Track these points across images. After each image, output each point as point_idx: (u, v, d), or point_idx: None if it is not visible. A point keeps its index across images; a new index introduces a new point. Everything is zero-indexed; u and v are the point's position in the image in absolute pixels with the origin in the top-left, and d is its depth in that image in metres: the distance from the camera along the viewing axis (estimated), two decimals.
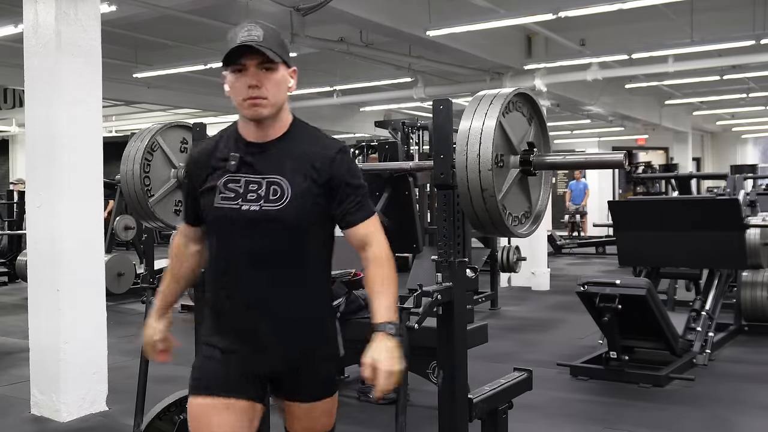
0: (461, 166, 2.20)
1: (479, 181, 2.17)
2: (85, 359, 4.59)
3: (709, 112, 17.52)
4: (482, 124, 2.17)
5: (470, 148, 2.17)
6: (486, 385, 2.85)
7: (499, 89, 2.39)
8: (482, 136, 2.15)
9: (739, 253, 5.91)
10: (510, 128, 2.33)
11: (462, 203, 2.25)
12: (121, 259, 9.06)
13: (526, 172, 2.39)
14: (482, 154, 2.15)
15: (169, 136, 3.35)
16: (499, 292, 8.79)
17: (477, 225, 2.31)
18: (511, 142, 2.36)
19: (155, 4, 7.02)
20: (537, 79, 10.12)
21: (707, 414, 4.59)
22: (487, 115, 2.18)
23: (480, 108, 2.24)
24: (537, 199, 2.52)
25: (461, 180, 2.22)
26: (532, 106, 2.48)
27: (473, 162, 2.17)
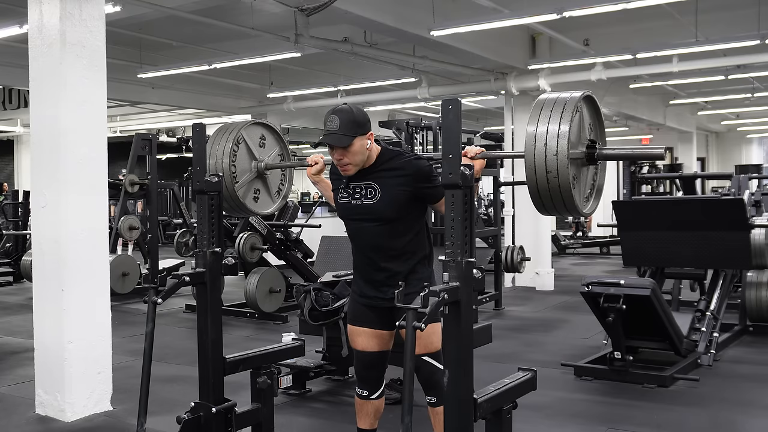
0: (540, 162, 2.54)
1: (557, 174, 2.52)
2: (90, 359, 4.60)
3: (713, 111, 17.50)
4: (558, 126, 2.54)
5: (549, 143, 2.52)
6: (490, 385, 2.85)
7: (571, 93, 2.68)
8: (559, 134, 2.53)
9: (744, 253, 5.90)
10: (577, 126, 2.63)
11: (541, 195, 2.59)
12: (126, 259, 9.07)
13: (590, 162, 2.73)
14: (560, 151, 2.51)
15: (251, 132, 3.69)
16: (503, 292, 8.79)
17: (551, 210, 2.65)
18: (578, 138, 2.70)
19: (160, 4, 7.03)
20: (541, 79, 10.11)
21: (712, 414, 4.59)
22: (563, 117, 2.56)
23: (555, 110, 2.59)
24: (597, 179, 2.91)
25: (540, 173, 2.55)
26: (593, 106, 2.82)
27: (552, 158, 2.52)
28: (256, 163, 3.68)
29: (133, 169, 9.46)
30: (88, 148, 4.62)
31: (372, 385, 3.28)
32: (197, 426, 3.35)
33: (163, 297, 3.15)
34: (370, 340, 3.25)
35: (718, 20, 8.80)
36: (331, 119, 2.99)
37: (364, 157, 3.04)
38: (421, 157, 3.16)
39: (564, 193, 2.53)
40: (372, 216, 3.09)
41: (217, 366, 3.41)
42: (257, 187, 3.73)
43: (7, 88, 14.71)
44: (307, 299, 4.92)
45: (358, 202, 3.11)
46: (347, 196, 3.16)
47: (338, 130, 2.96)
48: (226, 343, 3.54)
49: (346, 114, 2.99)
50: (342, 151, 3.01)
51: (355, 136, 2.98)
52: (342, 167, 3.06)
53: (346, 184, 3.16)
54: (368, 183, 3.09)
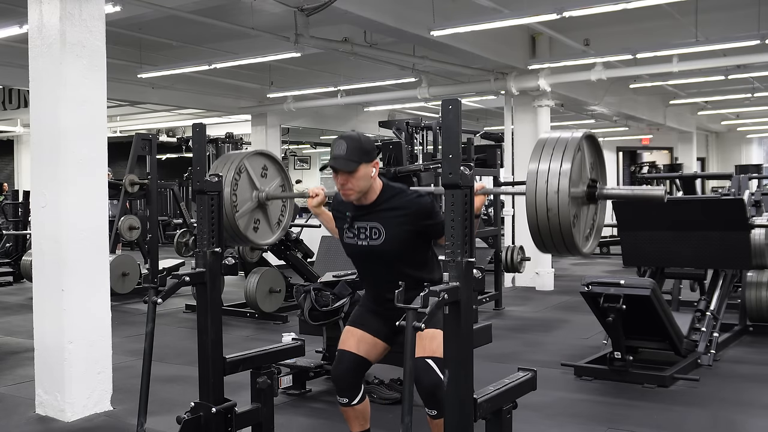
0: (541, 200, 2.55)
1: (558, 212, 2.52)
2: (90, 359, 4.60)
3: (713, 111, 17.49)
4: (560, 165, 2.55)
5: (551, 181, 2.53)
6: (490, 385, 2.85)
7: (572, 132, 2.67)
8: (560, 174, 2.53)
9: (744, 253, 5.90)
10: (578, 165, 2.64)
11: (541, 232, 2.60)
12: (126, 259, 9.07)
13: (591, 201, 2.75)
14: (561, 189, 2.52)
15: (254, 162, 3.71)
16: (503, 292, 8.79)
17: (550, 248, 2.64)
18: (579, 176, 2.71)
19: (160, 4, 7.03)
20: (541, 79, 10.11)
21: (712, 414, 4.59)
22: (564, 156, 2.56)
23: (557, 149, 2.59)
24: (597, 218, 2.90)
25: (540, 210, 2.56)
26: (594, 146, 2.81)
27: (553, 196, 2.53)
28: (258, 193, 3.70)
29: (133, 169, 9.46)
30: (88, 148, 4.62)
31: (350, 392, 3.29)
32: (197, 426, 3.35)
33: (163, 297, 3.15)
34: (361, 344, 3.29)
35: (718, 20, 8.80)
36: (338, 144, 3.08)
37: (367, 184, 3.12)
38: (422, 195, 3.21)
39: (564, 232, 2.54)
40: (379, 256, 3.18)
41: (217, 366, 3.41)
42: (257, 217, 3.74)
43: (7, 88, 14.71)
44: (307, 299, 4.92)
45: (364, 243, 3.20)
46: (352, 236, 3.25)
47: (345, 155, 3.06)
48: (226, 343, 3.54)
49: (353, 141, 3.09)
50: (347, 176, 3.08)
51: (360, 163, 3.06)
52: (344, 191, 3.13)
53: (350, 224, 3.24)
54: (372, 223, 3.17)
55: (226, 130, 16.73)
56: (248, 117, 14.65)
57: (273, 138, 14.49)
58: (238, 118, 16.01)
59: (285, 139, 17.54)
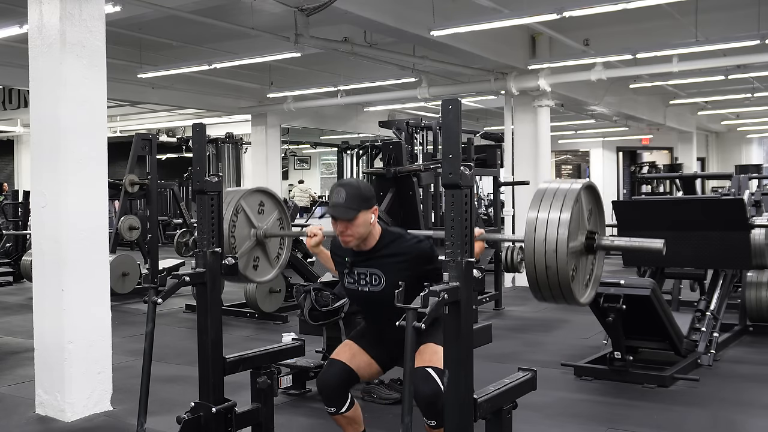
0: (540, 249, 2.57)
1: (556, 264, 2.55)
2: (90, 359, 4.59)
3: (713, 111, 17.49)
4: (559, 214, 2.58)
5: (549, 230, 2.56)
6: (490, 385, 2.85)
7: (571, 183, 2.68)
8: (560, 223, 2.56)
9: (744, 253, 5.89)
10: (577, 215, 2.66)
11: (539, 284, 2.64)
12: (126, 259, 9.07)
13: (589, 252, 2.78)
14: (560, 239, 2.55)
15: (250, 200, 3.71)
16: (503, 292, 8.79)
17: (548, 297, 2.69)
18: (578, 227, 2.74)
19: (160, 4, 7.03)
20: (541, 79, 10.12)
21: (712, 414, 4.59)
22: (563, 207, 2.58)
23: (556, 199, 2.62)
24: (595, 268, 2.93)
25: (539, 260, 2.58)
26: (593, 196, 2.81)
27: (551, 248, 2.56)
28: (256, 231, 3.69)
29: (133, 169, 9.46)
30: (88, 148, 4.61)
31: (336, 402, 3.27)
32: (197, 426, 3.35)
33: (163, 297, 3.15)
34: (355, 359, 3.30)
35: (718, 20, 8.80)
36: (337, 192, 3.10)
37: (366, 231, 3.13)
38: (421, 240, 3.22)
39: (562, 282, 2.58)
40: (380, 301, 3.19)
41: (217, 366, 3.41)
42: (257, 254, 3.74)
43: (7, 88, 14.72)
44: (307, 299, 4.92)
45: (365, 289, 3.23)
46: (353, 282, 3.27)
47: (344, 203, 3.06)
48: (226, 343, 3.54)
49: (352, 188, 3.11)
50: (346, 224, 3.09)
51: (359, 210, 3.07)
52: (344, 238, 3.14)
53: (350, 269, 3.26)
54: (372, 269, 3.19)
55: (226, 130, 16.76)
56: (248, 117, 14.66)
57: (273, 138, 14.50)
58: (238, 118, 16.02)
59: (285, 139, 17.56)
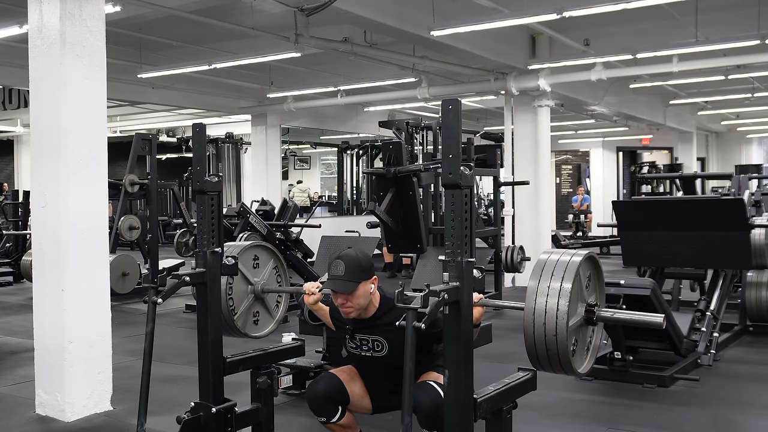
0: (540, 317, 2.61)
1: (555, 329, 2.58)
2: (90, 359, 4.59)
3: (713, 111, 17.49)
4: (560, 284, 2.61)
5: (549, 300, 2.60)
6: (490, 385, 2.85)
7: (572, 255, 2.71)
8: (560, 293, 2.59)
9: (744, 253, 5.89)
10: (577, 286, 2.68)
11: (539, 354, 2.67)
12: (126, 259, 9.07)
13: (589, 323, 2.80)
14: (560, 308, 2.57)
15: (244, 257, 3.70)
16: (503, 292, 8.79)
17: (546, 366, 2.70)
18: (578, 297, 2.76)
19: (160, 4, 7.03)
20: (541, 79, 10.11)
21: (712, 414, 4.59)
22: (564, 278, 2.62)
23: (557, 271, 2.66)
24: (593, 338, 2.94)
25: (538, 328, 2.61)
26: (594, 266, 2.87)
27: (552, 316, 2.58)
28: (252, 287, 3.71)
29: (133, 169, 9.46)
30: (88, 148, 4.61)
31: (326, 413, 3.26)
32: (197, 426, 3.35)
33: (163, 297, 3.15)
34: (352, 383, 3.31)
35: (718, 20, 8.80)
36: (336, 264, 3.08)
37: (367, 301, 3.13)
38: None
39: (561, 353, 2.60)
40: (384, 366, 3.23)
41: (217, 366, 3.41)
42: (256, 309, 3.77)
43: (7, 88, 14.71)
44: None
45: (367, 354, 3.25)
46: (355, 347, 3.29)
47: (343, 276, 3.05)
48: (226, 343, 3.54)
49: (351, 260, 3.08)
50: (346, 296, 3.09)
51: (359, 282, 3.07)
52: (344, 310, 3.14)
53: (352, 335, 3.26)
54: (374, 337, 3.20)
55: (226, 130, 16.74)
56: (248, 117, 14.65)
57: (273, 138, 14.49)
58: (238, 118, 16.01)
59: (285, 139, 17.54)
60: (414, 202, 6.81)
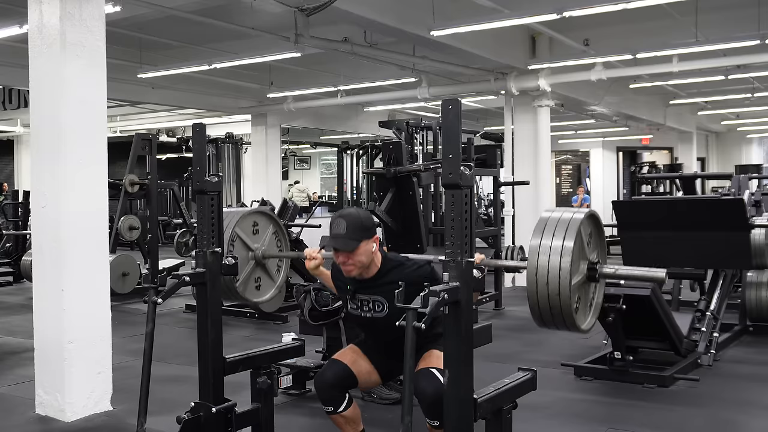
0: (542, 275, 2.60)
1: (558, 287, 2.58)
2: (90, 359, 4.60)
3: (713, 111, 17.48)
4: (562, 242, 2.61)
5: (552, 258, 2.59)
6: (490, 385, 2.85)
7: (573, 212, 2.72)
8: (562, 251, 2.60)
9: (744, 253, 5.89)
10: (579, 245, 2.68)
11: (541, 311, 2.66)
12: (126, 259, 9.07)
13: (591, 280, 2.81)
14: (562, 266, 2.57)
15: (244, 224, 3.74)
16: (503, 292, 8.79)
17: (549, 323, 2.70)
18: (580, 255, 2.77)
19: (160, 4, 7.03)
20: (541, 79, 10.11)
21: (712, 414, 4.59)
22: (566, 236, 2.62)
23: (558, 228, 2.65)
24: (596, 295, 2.95)
25: (541, 287, 2.61)
26: (596, 225, 2.86)
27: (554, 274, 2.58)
28: (253, 253, 3.72)
29: (133, 169, 9.46)
30: (88, 148, 4.62)
31: (333, 401, 3.29)
32: (197, 426, 3.35)
33: (163, 297, 3.16)
34: (357, 363, 3.34)
35: (718, 20, 8.79)
36: (338, 223, 3.11)
37: (368, 260, 3.17)
38: (421, 266, 3.24)
39: (564, 310, 2.60)
40: (383, 325, 3.25)
41: (217, 366, 3.41)
42: (257, 275, 3.78)
43: (7, 88, 14.70)
44: (307, 299, 4.92)
45: (368, 315, 3.28)
46: (356, 308, 3.32)
47: (345, 234, 3.09)
48: (226, 343, 3.54)
49: (353, 218, 3.13)
50: (347, 255, 3.12)
51: (360, 241, 3.10)
52: (346, 269, 3.18)
53: (353, 296, 3.30)
54: (375, 297, 3.23)
55: (226, 130, 16.75)
56: (248, 117, 14.65)
57: (273, 138, 14.49)
58: (238, 118, 16.01)
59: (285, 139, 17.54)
60: (414, 202, 6.81)
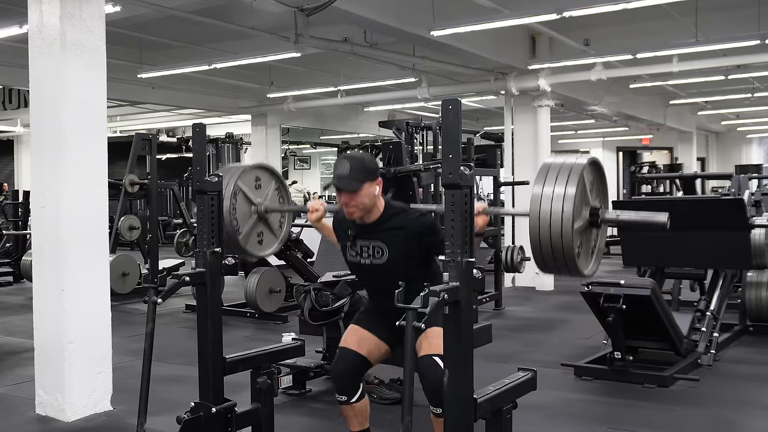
0: (545, 225, 2.58)
1: (561, 236, 2.56)
2: (90, 359, 4.60)
3: (713, 111, 17.49)
4: (564, 189, 2.58)
5: (554, 204, 2.56)
6: (490, 385, 2.85)
7: (576, 158, 2.68)
8: (565, 197, 2.57)
9: (744, 253, 5.90)
10: (581, 190, 2.66)
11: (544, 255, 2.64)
12: (126, 259, 9.07)
13: (593, 226, 2.79)
14: (565, 212, 2.55)
15: (246, 178, 3.70)
16: (503, 292, 8.79)
17: (552, 269, 2.68)
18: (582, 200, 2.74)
19: (160, 4, 7.03)
20: (541, 79, 10.11)
21: (712, 414, 4.58)
22: (569, 182, 2.59)
23: (561, 174, 2.62)
24: (598, 241, 2.93)
25: (543, 235, 2.59)
26: (598, 171, 2.83)
27: (557, 222, 2.56)
28: (255, 207, 3.70)
29: (133, 169, 9.46)
30: (88, 148, 4.61)
31: (349, 390, 3.31)
32: (197, 426, 3.35)
33: (163, 297, 3.15)
34: (363, 343, 3.32)
35: (718, 20, 8.80)
36: (341, 164, 3.13)
37: (371, 202, 3.17)
38: (424, 214, 3.25)
39: (567, 255, 2.59)
40: (382, 273, 3.24)
41: (217, 366, 3.41)
42: (260, 230, 3.76)
43: (7, 88, 14.72)
44: (307, 299, 4.92)
45: (367, 261, 3.26)
46: (355, 255, 3.30)
47: (348, 175, 3.10)
48: (226, 343, 3.54)
49: (356, 160, 3.15)
50: (350, 195, 3.12)
51: (364, 182, 3.11)
52: (348, 210, 3.18)
53: (353, 242, 3.29)
54: (375, 242, 3.23)
55: (226, 130, 16.75)
56: (248, 117, 14.66)
57: (273, 138, 14.49)
58: (238, 118, 16.02)
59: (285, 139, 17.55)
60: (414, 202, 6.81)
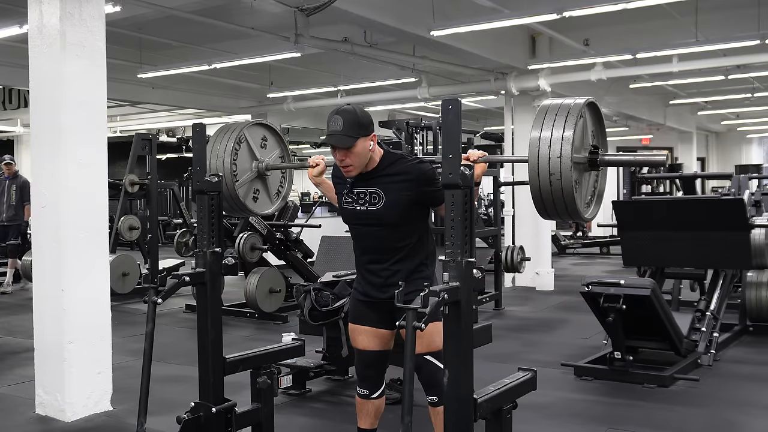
0: (544, 165, 2.57)
1: (560, 176, 2.54)
2: (90, 359, 4.60)
3: (713, 111, 17.49)
4: (562, 131, 2.58)
5: (553, 147, 2.56)
6: (490, 385, 2.85)
7: (574, 99, 2.68)
8: (563, 139, 2.56)
9: (744, 253, 5.90)
10: (580, 132, 2.67)
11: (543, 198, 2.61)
12: (126, 259, 9.07)
13: (593, 167, 2.77)
14: (563, 154, 2.53)
15: (253, 132, 3.72)
16: (503, 292, 8.79)
17: (552, 213, 2.66)
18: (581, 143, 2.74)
19: (160, 4, 7.03)
20: (541, 79, 10.11)
21: (712, 414, 4.59)
22: (567, 123, 2.59)
23: (559, 115, 2.62)
24: (598, 185, 2.93)
25: (543, 176, 2.57)
26: (596, 113, 2.84)
27: (555, 162, 2.54)
28: (257, 163, 3.68)
29: (133, 169, 9.46)
30: (88, 148, 4.62)
31: (372, 384, 3.30)
32: (197, 426, 3.35)
33: (163, 297, 3.15)
34: (371, 339, 3.27)
35: (718, 20, 8.79)
36: (334, 120, 2.99)
37: (366, 158, 3.06)
38: (423, 161, 3.14)
39: (566, 197, 2.55)
40: (376, 221, 3.12)
41: (217, 366, 3.41)
42: (257, 187, 3.74)
43: (7, 88, 14.71)
44: (307, 299, 4.92)
45: (363, 207, 3.13)
46: (351, 201, 3.18)
47: (341, 131, 2.97)
48: (226, 343, 3.54)
49: (349, 115, 2.99)
50: (345, 152, 3.02)
51: (358, 138, 2.99)
52: (344, 167, 3.08)
53: (350, 189, 3.17)
54: (372, 188, 3.11)
55: None
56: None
57: None
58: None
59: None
60: None
